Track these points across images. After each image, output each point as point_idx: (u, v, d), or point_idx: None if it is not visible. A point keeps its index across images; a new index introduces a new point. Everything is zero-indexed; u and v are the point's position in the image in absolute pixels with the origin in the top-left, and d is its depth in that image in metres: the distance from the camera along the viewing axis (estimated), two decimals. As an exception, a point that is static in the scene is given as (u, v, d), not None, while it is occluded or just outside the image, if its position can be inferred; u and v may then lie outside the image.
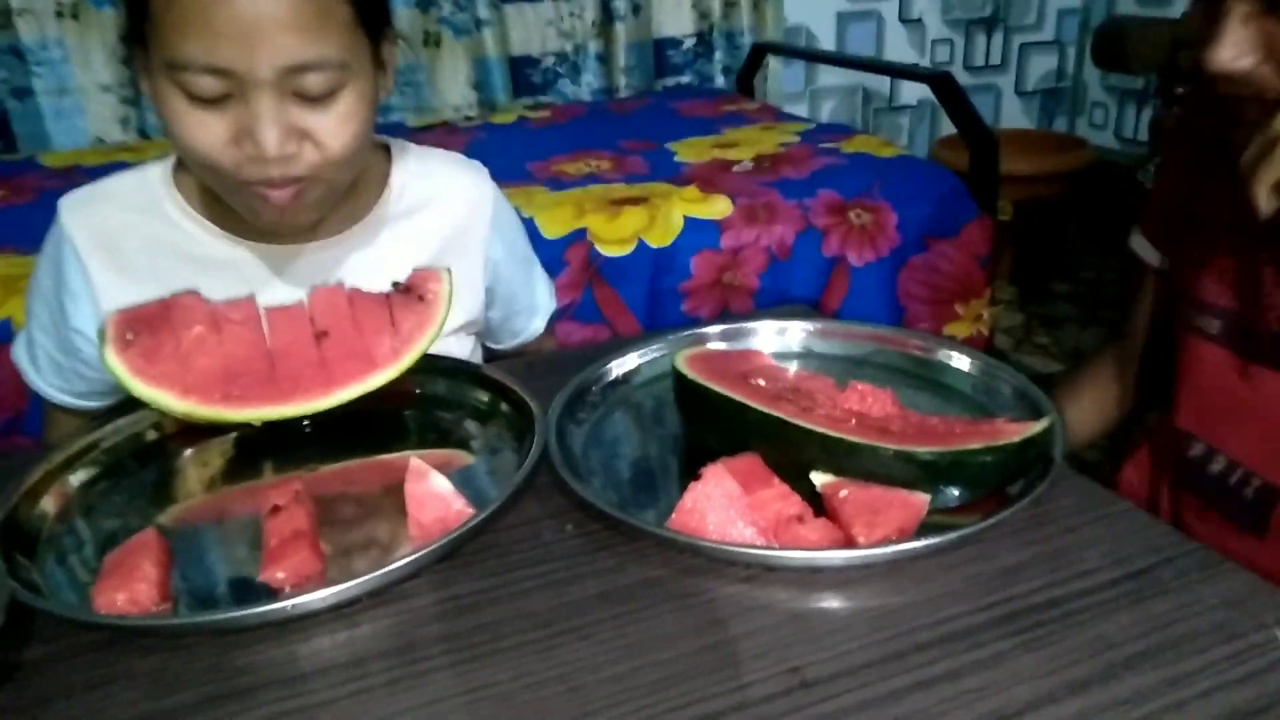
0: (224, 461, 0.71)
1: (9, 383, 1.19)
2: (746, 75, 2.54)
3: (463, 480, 0.63)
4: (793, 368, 0.75)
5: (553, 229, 1.40)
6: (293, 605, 0.51)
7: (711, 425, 0.66)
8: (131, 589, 0.53)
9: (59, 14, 2.14)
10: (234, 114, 0.69)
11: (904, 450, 0.58)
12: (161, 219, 0.82)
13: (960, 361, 0.73)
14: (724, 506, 0.56)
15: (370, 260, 0.84)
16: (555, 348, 1.08)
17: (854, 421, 0.62)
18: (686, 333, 0.79)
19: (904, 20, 2.95)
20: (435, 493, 0.60)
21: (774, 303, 1.49)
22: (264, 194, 0.72)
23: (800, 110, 2.81)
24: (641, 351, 0.78)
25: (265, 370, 0.71)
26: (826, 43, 2.88)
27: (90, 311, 0.82)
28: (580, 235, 1.41)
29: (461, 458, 0.70)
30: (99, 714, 0.47)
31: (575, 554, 0.58)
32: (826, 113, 2.96)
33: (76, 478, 0.68)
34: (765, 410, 0.61)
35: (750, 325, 0.79)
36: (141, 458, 0.71)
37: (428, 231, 0.87)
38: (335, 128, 0.71)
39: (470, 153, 0.93)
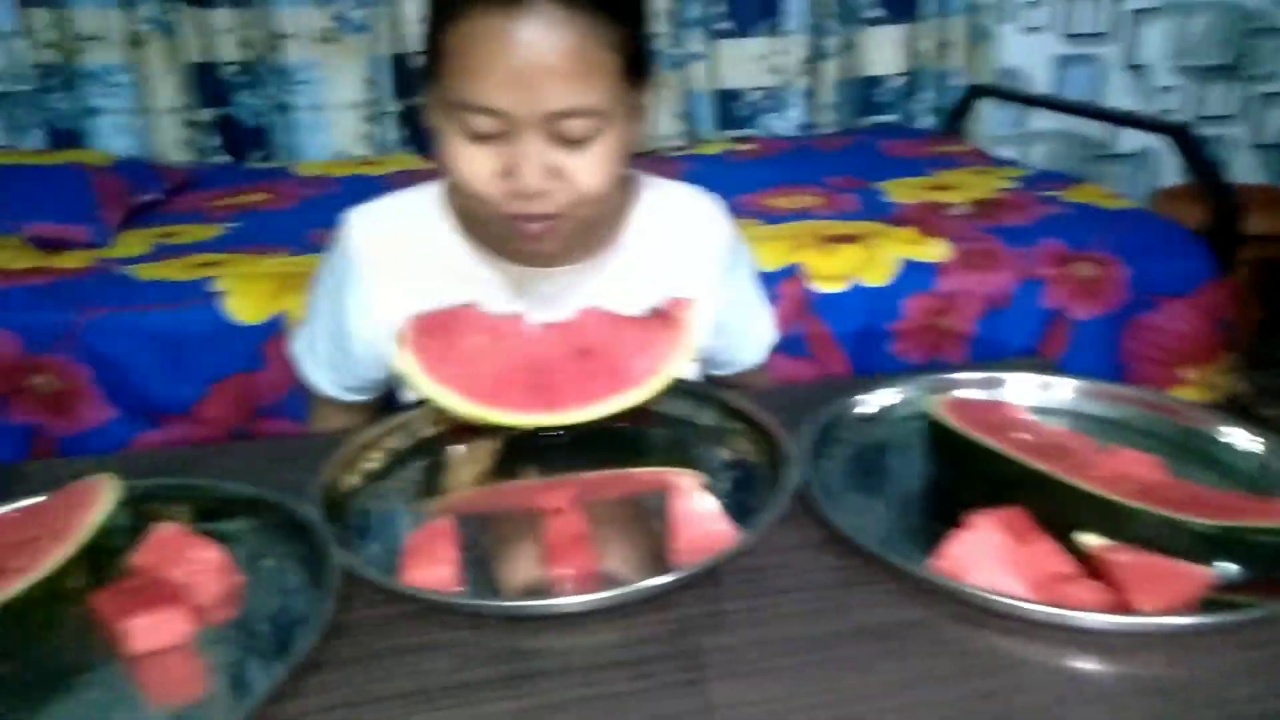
0: (492, 461, 0.77)
1: (277, 372, 1.34)
2: (956, 117, 2.50)
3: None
4: (1046, 423, 0.74)
5: (767, 262, 1.43)
6: (581, 602, 0.55)
7: (970, 474, 0.66)
8: (435, 570, 0.59)
9: (319, 39, 2.38)
10: (502, 151, 0.77)
11: (1181, 519, 0.57)
12: (433, 235, 0.91)
13: (1234, 434, 0.70)
14: (992, 557, 0.57)
15: (608, 286, 0.90)
16: (767, 379, 1.10)
17: (1125, 485, 0.61)
18: (935, 376, 0.79)
19: (1129, 66, 2.81)
20: (700, 511, 0.63)
21: (988, 351, 1.46)
22: (521, 225, 0.80)
23: (1009, 155, 2.73)
24: (888, 391, 0.79)
25: (533, 381, 0.77)
26: (1041, 86, 2.78)
27: (367, 314, 0.91)
28: (794, 270, 1.43)
29: (707, 479, 0.73)
30: (415, 676, 0.53)
31: (833, 586, 0.59)
32: (1037, 158, 2.85)
33: (369, 464, 0.75)
34: (1033, 466, 0.61)
35: (1002, 375, 0.79)
36: (420, 452, 0.79)
37: (665, 261, 0.92)
38: (589, 169, 0.78)
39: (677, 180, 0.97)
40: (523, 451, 0.77)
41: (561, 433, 0.78)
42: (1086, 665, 0.52)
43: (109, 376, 1.31)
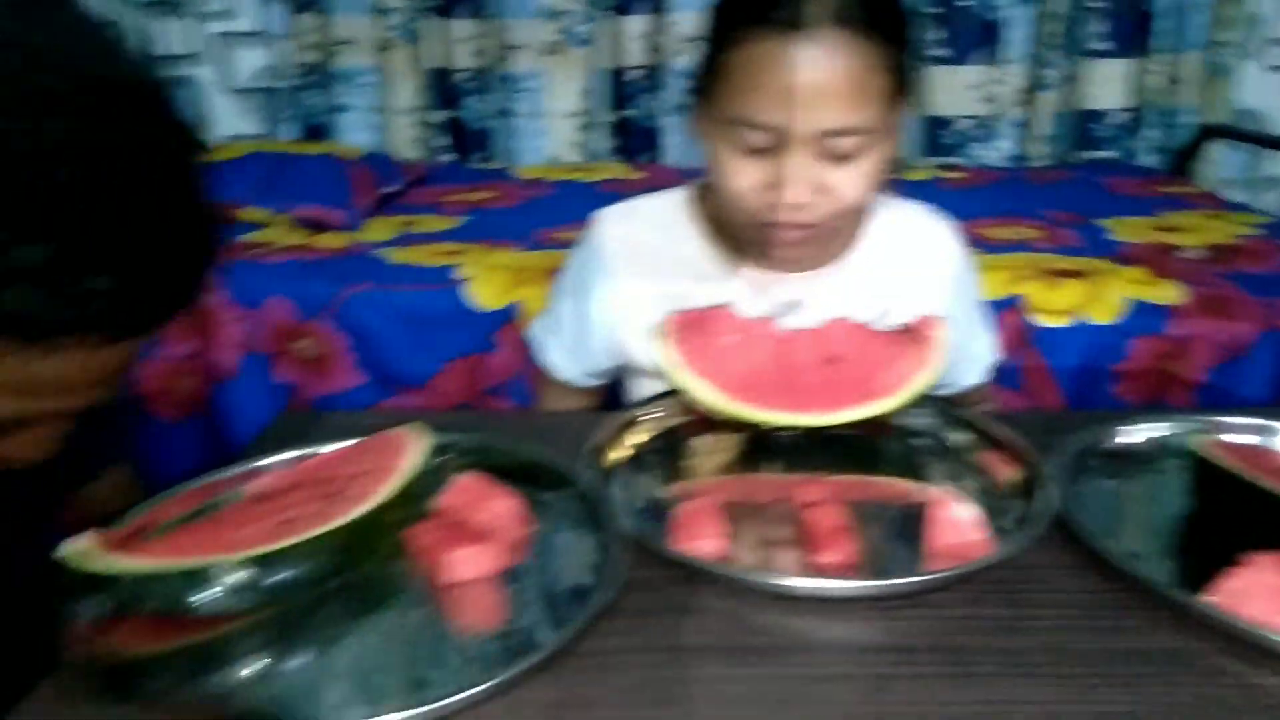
0: (736, 454, 0.82)
1: (506, 355, 1.44)
2: (1184, 156, 2.37)
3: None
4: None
5: (988, 292, 1.41)
6: (851, 587, 0.59)
7: (1242, 515, 0.65)
8: (705, 543, 0.65)
9: (544, 51, 2.53)
10: (771, 164, 0.81)
11: None
12: (678, 237, 0.97)
13: None
14: (1267, 597, 0.56)
15: (842, 294, 0.93)
16: (990, 402, 1.10)
17: None
18: (1198, 416, 0.78)
19: (1389, 110, 2.57)
20: (956, 519, 0.65)
21: (1218, 401, 1.39)
22: (778, 233, 0.84)
23: (1236, 199, 2.56)
24: (1144, 425, 0.78)
25: (782, 381, 0.81)
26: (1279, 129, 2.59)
27: (609, 307, 0.98)
28: (1014, 302, 1.41)
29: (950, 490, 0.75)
30: (700, 634, 0.58)
31: (1094, 606, 0.60)
32: (1270, 204, 2.66)
33: (631, 441, 0.81)
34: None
35: (1275, 424, 0.77)
36: (670, 438, 0.84)
37: (898, 275, 0.95)
38: (852, 183, 0.82)
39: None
40: (764, 449, 0.82)
41: (799, 434, 0.82)
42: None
43: (361, 346, 1.46)
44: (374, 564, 0.65)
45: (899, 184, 2.05)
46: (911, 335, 0.83)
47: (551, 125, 2.58)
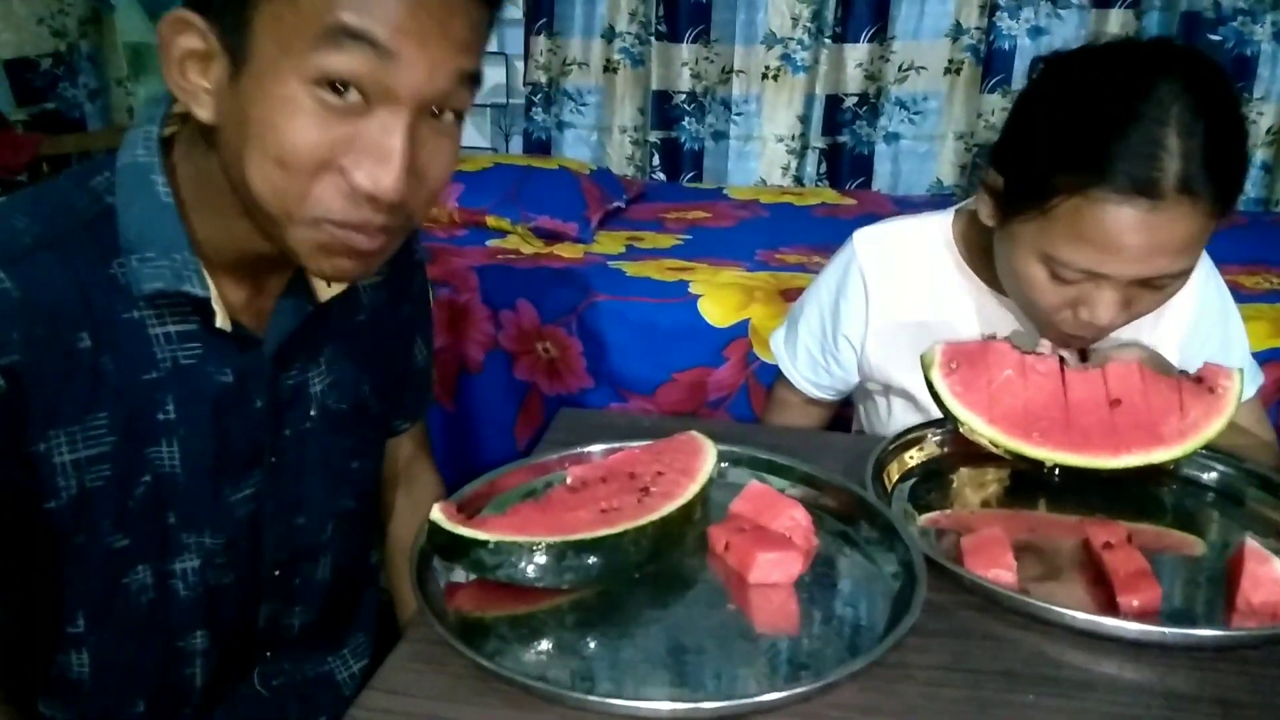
0: (999, 488, 0.83)
1: (731, 371, 1.50)
2: None
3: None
4: None
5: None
6: (1169, 633, 0.59)
7: None
8: (997, 571, 0.66)
9: (763, 75, 2.58)
10: (1080, 289, 0.79)
11: None
12: (936, 263, 0.97)
13: None
14: None
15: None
16: (1261, 422, 1.03)
17: None
18: None
19: None
20: (1273, 576, 0.64)
21: None
22: (1067, 337, 0.84)
23: None
24: None
25: (1061, 420, 0.81)
26: None
27: (860, 321, 1.00)
28: (1277, 354, 1.33)
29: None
30: (1000, 659, 0.60)
31: None
32: None
33: (904, 463, 0.84)
34: None
35: None
36: (938, 466, 0.86)
37: (1179, 317, 0.92)
38: (1153, 304, 0.81)
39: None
40: (1034, 485, 0.82)
41: (1071, 474, 0.81)
42: None
43: (594, 352, 1.55)
44: (680, 557, 0.70)
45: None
46: (1201, 384, 0.81)
47: (763, 149, 2.63)
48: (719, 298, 1.51)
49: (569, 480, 0.75)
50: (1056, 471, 0.80)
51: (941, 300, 0.98)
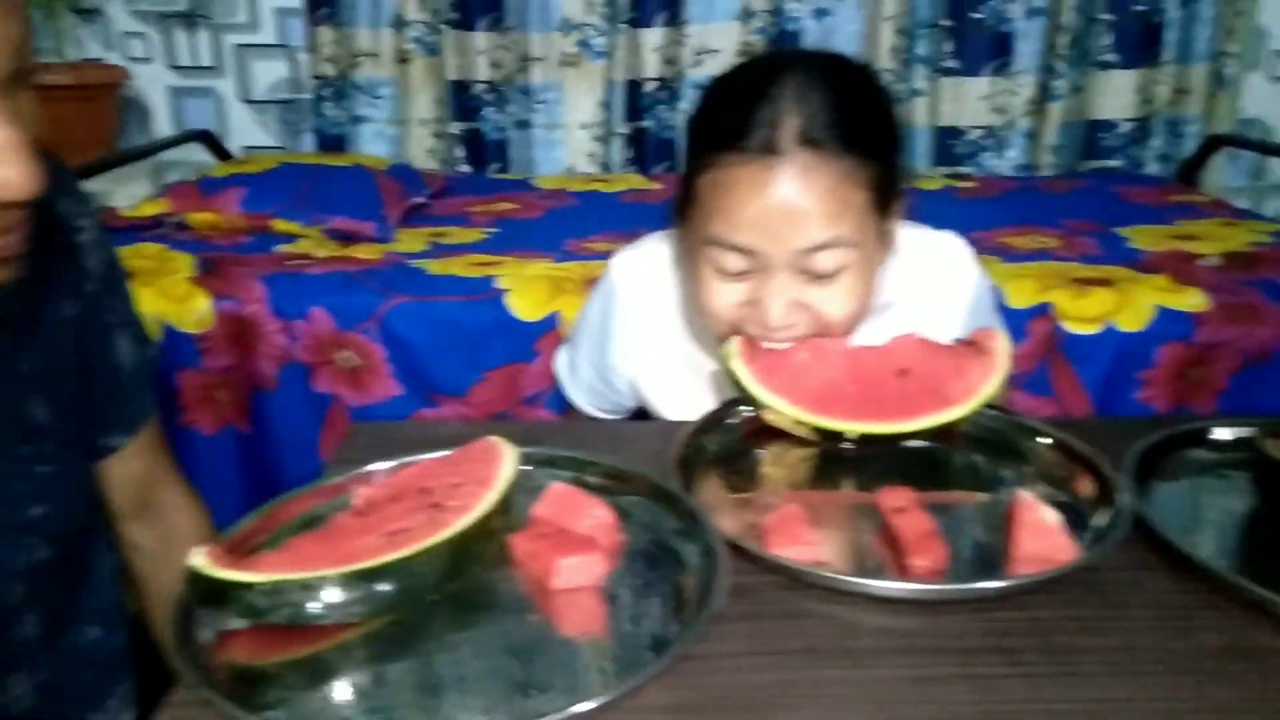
0: (809, 466, 0.84)
1: (544, 365, 1.46)
2: (1192, 165, 2.41)
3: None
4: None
5: (1017, 299, 1.45)
6: (951, 590, 0.61)
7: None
8: (797, 549, 0.67)
9: (562, 63, 2.55)
10: (750, 286, 0.81)
11: None
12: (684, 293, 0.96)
13: None
14: (1354, 596, 0.59)
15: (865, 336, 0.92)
16: (1009, 400, 1.12)
17: None
18: (1271, 417, 0.80)
19: (1390, 119, 2.63)
20: (1043, 524, 0.67)
21: (1239, 406, 1.42)
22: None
23: (1243, 206, 2.60)
24: (1214, 428, 0.81)
25: (858, 393, 0.84)
26: (1283, 137, 2.64)
27: (626, 352, 0.99)
28: (1045, 310, 1.44)
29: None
30: (803, 637, 0.60)
31: (1181, 606, 0.63)
32: (1273, 212, 2.71)
33: (707, 450, 0.84)
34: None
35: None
36: (740, 451, 0.86)
37: (913, 314, 0.94)
38: (836, 301, 0.82)
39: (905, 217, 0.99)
40: (836, 462, 0.83)
41: (870, 448, 0.83)
42: None
43: (400, 357, 1.47)
44: (479, 573, 0.67)
45: (913, 193, 2.07)
46: (974, 347, 0.85)
47: (568, 136, 2.61)
48: (526, 291, 1.48)
49: (355, 503, 0.70)
50: (855, 446, 0.82)
51: (695, 313, 0.95)
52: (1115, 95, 2.55)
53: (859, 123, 0.79)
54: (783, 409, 0.81)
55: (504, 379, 1.47)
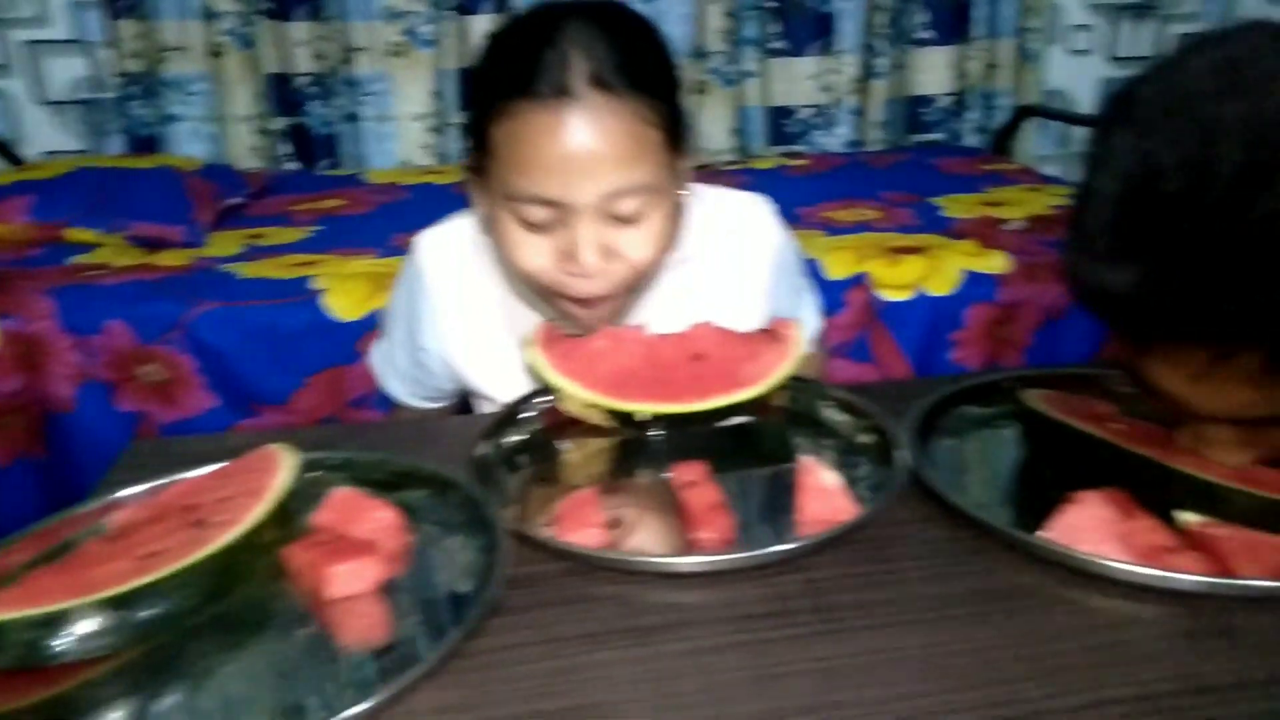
0: (610, 453, 0.83)
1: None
2: (1004, 136, 2.55)
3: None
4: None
5: (835, 270, 1.49)
6: (729, 559, 0.62)
7: (1067, 460, 0.72)
8: (587, 532, 0.66)
9: (388, 52, 2.47)
10: (558, 237, 0.81)
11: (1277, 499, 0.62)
12: (493, 259, 0.95)
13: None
14: (1098, 529, 0.62)
15: (660, 303, 0.95)
16: (823, 371, 1.15)
17: (1219, 469, 0.66)
18: (1031, 371, 0.85)
19: (1172, 87, 2.85)
20: (824, 486, 0.69)
21: (1045, 360, 1.51)
22: (577, 308, 0.85)
23: (1052, 173, 2.78)
24: (983, 384, 0.85)
25: (652, 378, 0.83)
26: (1084, 108, 2.83)
27: (436, 332, 0.97)
28: (861, 279, 1.49)
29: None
30: (586, 622, 0.59)
31: (950, 554, 0.65)
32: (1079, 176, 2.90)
33: (504, 444, 0.82)
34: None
35: (1094, 372, 0.85)
36: (542, 441, 0.85)
37: (716, 268, 0.96)
38: (643, 244, 0.83)
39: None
40: (638, 448, 0.83)
41: (669, 432, 0.84)
42: (1200, 625, 0.57)
43: (212, 367, 1.39)
44: (250, 589, 0.63)
45: (744, 173, 2.11)
46: (770, 335, 0.86)
47: (401, 129, 2.53)
48: (345, 290, 1.42)
49: (108, 529, 0.65)
50: (654, 430, 0.82)
51: (504, 291, 0.96)
52: (932, 71, 2.68)
53: (645, 64, 0.80)
54: (575, 392, 0.80)
55: (326, 383, 1.42)
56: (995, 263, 1.52)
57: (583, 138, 0.75)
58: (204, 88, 2.42)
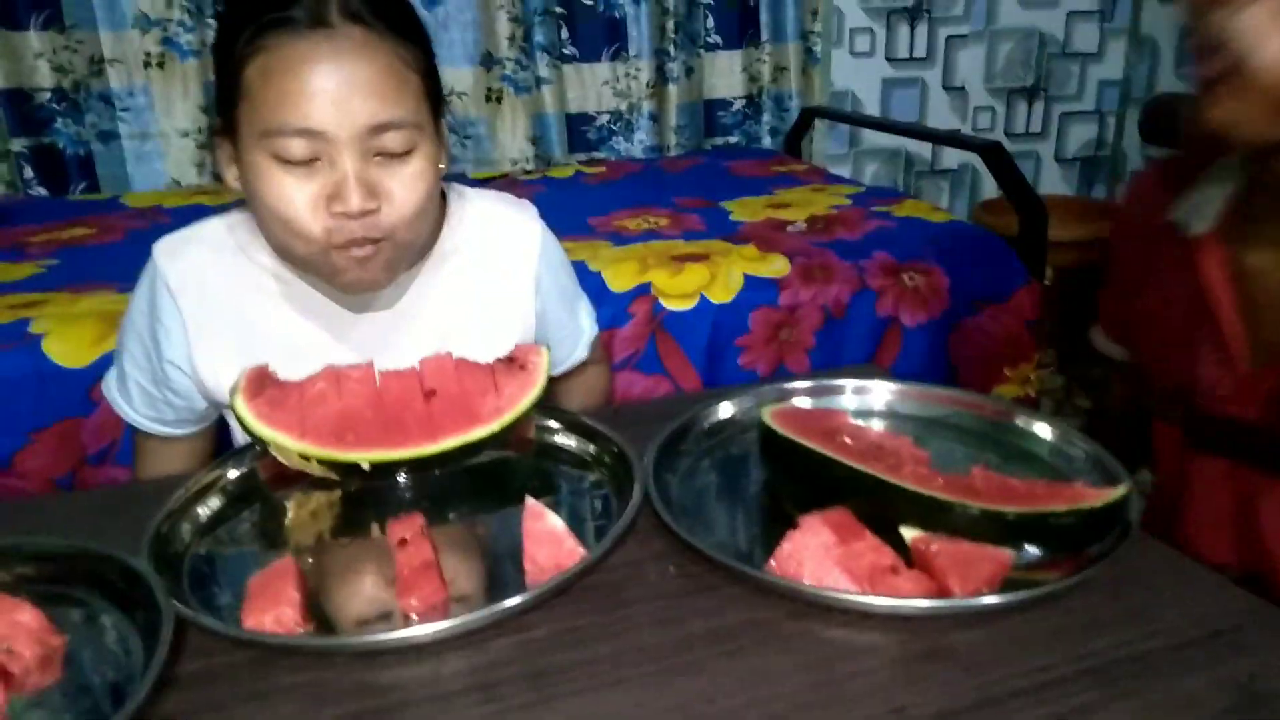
0: (333, 509, 0.76)
1: (105, 415, 1.26)
2: (794, 137, 2.62)
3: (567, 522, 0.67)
4: (873, 426, 0.79)
5: (618, 282, 1.46)
6: (430, 632, 0.56)
7: (800, 479, 0.70)
8: (278, 611, 0.58)
9: (146, 64, 2.26)
10: (321, 178, 0.77)
11: (991, 510, 0.62)
12: (246, 260, 0.89)
13: (1036, 427, 0.77)
14: (821, 555, 0.60)
15: (429, 295, 0.91)
16: (606, 379, 1.12)
17: (941, 481, 0.66)
18: (771, 387, 0.84)
19: (947, 87, 3.02)
20: (551, 531, 0.64)
21: (829, 360, 1.53)
22: (344, 256, 0.79)
23: (843, 171, 2.88)
24: (727, 404, 0.82)
25: (377, 420, 0.76)
26: (871, 107, 2.96)
27: (182, 343, 0.89)
28: (645, 289, 1.47)
29: (557, 499, 0.74)
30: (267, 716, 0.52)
31: (680, 594, 0.62)
32: (869, 175, 3.03)
33: (201, 511, 0.73)
34: (857, 467, 0.65)
35: (834, 383, 0.84)
36: (255, 499, 0.76)
37: (481, 265, 0.94)
38: (409, 185, 0.80)
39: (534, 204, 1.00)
40: (365, 502, 0.76)
41: (405, 482, 0.77)
42: (915, 649, 0.56)
43: (-89, 431, 1.21)
44: None
45: (542, 182, 2.04)
46: (513, 363, 0.81)
47: (167, 146, 2.32)
48: (69, 334, 1.26)
49: None
50: (384, 479, 0.75)
51: (255, 296, 0.88)
52: (724, 75, 2.72)
53: (400, 9, 0.80)
54: (286, 444, 0.72)
55: (56, 439, 1.25)
56: (775, 266, 1.54)
57: (341, 66, 0.74)
58: (-78, 106, 2.14)
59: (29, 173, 2.24)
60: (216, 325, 0.88)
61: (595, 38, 2.57)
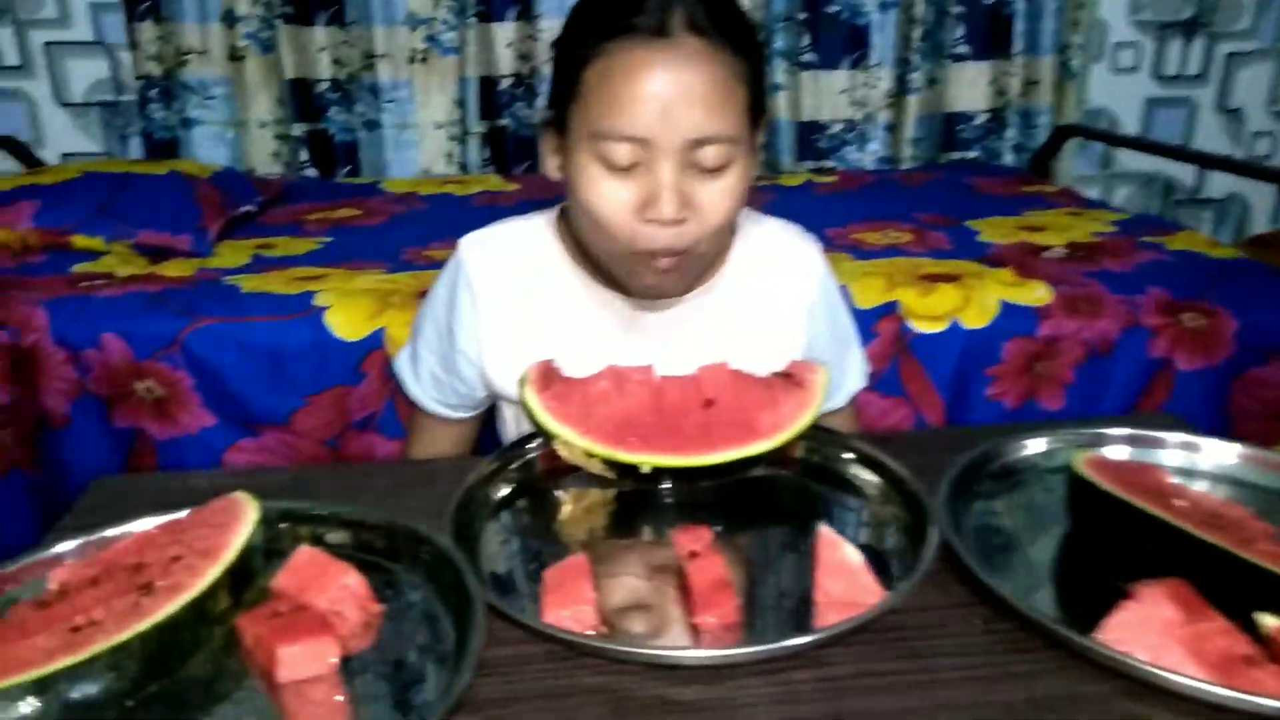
0: (611, 507, 0.76)
1: (372, 387, 1.35)
2: (1044, 155, 2.45)
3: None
4: (1192, 487, 0.71)
5: (864, 298, 1.41)
6: (738, 654, 0.54)
7: (1122, 539, 0.63)
8: (576, 609, 0.59)
9: (410, 59, 2.42)
10: (640, 183, 0.78)
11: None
12: (544, 262, 0.92)
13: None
14: (1162, 632, 0.54)
15: (709, 319, 0.92)
16: (854, 424, 1.07)
17: (1299, 561, 0.57)
18: (1077, 431, 0.77)
19: (1221, 109, 2.74)
20: (847, 564, 0.61)
21: (1088, 399, 1.42)
22: (649, 261, 0.81)
23: (1091, 194, 2.67)
24: (1024, 442, 0.76)
25: (657, 424, 0.76)
26: (1129, 128, 2.73)
27: (475, 337, 0.92)
28: (892, 308, 1.41)
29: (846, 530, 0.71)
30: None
31: (988, 651, 0.57)
32: (1121, 199, 2.79)
33: (492, 495, 0.75)
34: (1203, 537, 0.58)
35: (1157, 435, 0.76)
36: (538, 490, 0.78)
37: (761, 284, 0.93)
38: (719, 200, 0.80)
39: (765, 213, 0.98)
40: (642, 503, 0.76)
41: (678, 485, 0.77)
42: (1267, 754, 0.49)
43: (210, 385, 1.34)
44: (198, 664, 0.56)
45: (773, 189, 2.02)
46: (790, 379, 0.79)
47: (422, 137, 2.48)
48: (348, 308, 1.36)
49: (46, 589, 0.58)
50: (660, 484, 0.75)
51: (554, 300, 0.92)
52: (969, 87, 2.58)
53: (739, 22, 0.81)
54: (572, 440, 0.73)
55: (329, 403, 1.35)
56: (1034, 294, 1.43)
57: (676, 77, 0.75)
58: (223, 92, 2.38)
59: (303, 155, 2.45)
60: (509, 321, 0.92)
61: (836, 45, 2.51)
